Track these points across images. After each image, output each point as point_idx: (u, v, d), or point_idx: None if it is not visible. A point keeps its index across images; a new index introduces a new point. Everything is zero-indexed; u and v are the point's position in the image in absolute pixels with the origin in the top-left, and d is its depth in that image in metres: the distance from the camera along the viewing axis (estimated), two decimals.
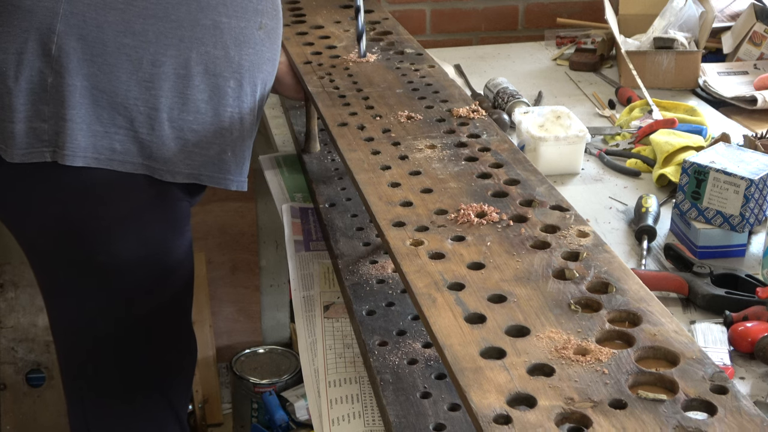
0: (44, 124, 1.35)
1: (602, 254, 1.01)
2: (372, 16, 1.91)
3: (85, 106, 1.34)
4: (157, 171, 1.40)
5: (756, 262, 1.45)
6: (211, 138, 1.42)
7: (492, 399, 0.79)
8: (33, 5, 1.31)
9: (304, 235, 1.54)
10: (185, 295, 1.60)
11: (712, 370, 0.82)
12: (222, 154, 1.44)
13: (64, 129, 1.34)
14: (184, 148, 1.40)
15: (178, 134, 1.39)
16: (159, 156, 1.39)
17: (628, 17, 2.36)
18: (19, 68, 1.32)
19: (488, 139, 1.32)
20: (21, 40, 1.32)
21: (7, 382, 2.52)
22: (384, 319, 1.23)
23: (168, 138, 1.39)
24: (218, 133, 1.43)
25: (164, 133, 1.38)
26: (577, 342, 0.86)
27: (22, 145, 1.34)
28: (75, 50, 1.32)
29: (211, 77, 1.40)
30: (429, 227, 1.08)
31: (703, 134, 1.80)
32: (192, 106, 1.39)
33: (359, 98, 1.48)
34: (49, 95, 1.33)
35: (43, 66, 1.32)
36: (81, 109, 1.34)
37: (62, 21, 1.31)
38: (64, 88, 1.33)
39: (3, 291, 2.49)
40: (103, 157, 1.37)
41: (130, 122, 1.36)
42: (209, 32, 1.38)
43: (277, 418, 2.33)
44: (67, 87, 1.33)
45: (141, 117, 1.37)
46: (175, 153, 1.40)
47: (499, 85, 2.06)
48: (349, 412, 1.14)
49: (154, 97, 1.36)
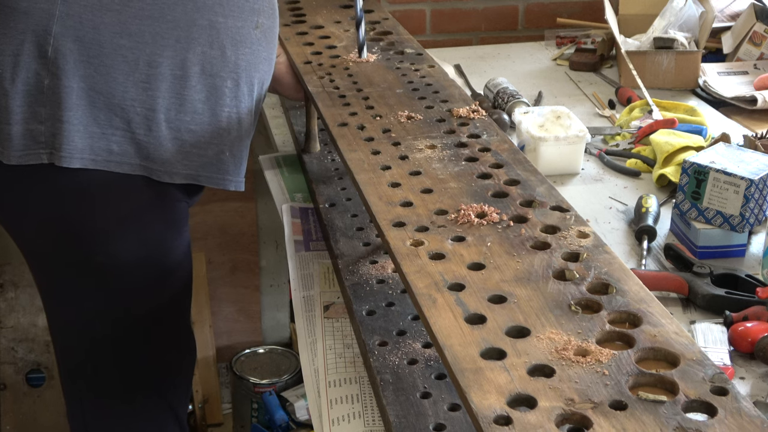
0: (41, 125, 1.34)
1: (602, 255, 1.01)
2: (372, 16, 1.91)
3: (81, 107, 1.34)
4: (155, 172, 1.40)
5: (756, 262, 1.45)
6: (209, 138, 1.42)
7: (492, 400, 0.79)
8: (29, 7, 1.31)
9: (304, 235, 1.54)
10: (184, 296, 1.60)
11: (712, 371, 0.82)
12: (220, 154, 1.44)
13: (60, 131, 1.34)
14: (181, 148, 1.40)
15: (176, 135, 1.39)
16: (156, 157, 1.39)
17: (628, 17, 2.36)
18: (16, 70, 1.32)
19: (488, 139, 1.32)
20: (17, 42, 1.31)
21: (7, 382, 2.52)
22: (384, 319, 1.23)
23: (165, 139, 1.38)
24: (216, 133, 1.42)
25: (161, 134, 1.38)
26: (577, 343, 0.86)
27: (18, 146, 1.34)
28: (71, 52, 1.32)
29: (208, 77, 1.40)
30: (429, 227, 1.08)
31: (703, 134, 1.80)
32: (189, 107, 1.39)
33: (359, 98, 1.48)
34: (45, 97, 1.33)
35: (40, 68, 1.32)
36: (78, 110, 1.34)
37: (58, 23, 1.31)
38: (61, 90, 1.32)
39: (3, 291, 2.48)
40: (100, 158, 1.37)
41: (127, 123, 1.36)
42: (205, 32, 1.38)
43: (277, 418, 2.33)
44: (63, 89, 1.32)
45: (138, 118, 1.36)
46: (173, 154, 1.39)
47: (499, 85, 2.06)
48: (349, 412, 1.14)
49: (151, 98, 1.36)
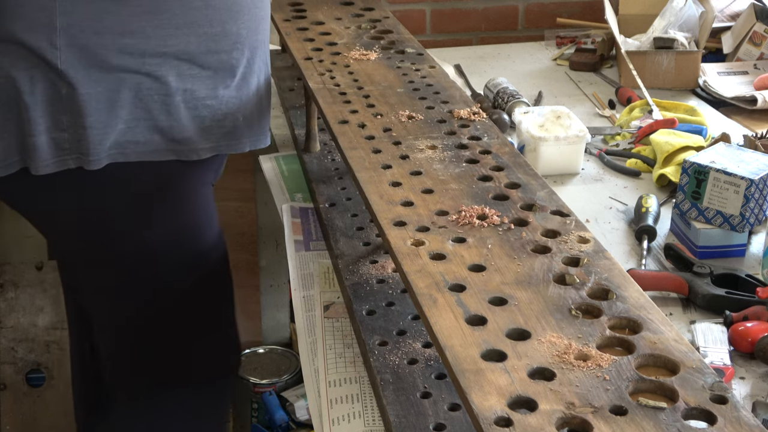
0: (64, 133, 1.37)
1: (603, 261, 1.01)
2: (373, 14, 1.92)
3: (103, 111, 1.36)
4: (183, 152, 1.43)
5: (756, 262, 1.45)
6: (225, 109, 1.46)
7: (493, 401, 0.79)
8: (31, 24, 1.32)
9: (304, 235, 1.54)
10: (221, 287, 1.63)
11: (711, 379, 0.82)
12: (235, 122, 1.47)
13: (84, 137, 1.36)
14: (202, 124, 1.44)
15: (194, 114, 1.43)
16: (180, 138, 1.42)
17: (628, 17, 2.36)
18: (33, 82, 1.34)
19: (489, 141, 1.32)
20: (29, 57, 1.33)
21: (7, 382, 2.52)
22: (384, 319, 1.23)
23: (186, 119, 1.42)
24: (230, 103, 1.46)
25: (181, 115, 1.41)
26: (578, 347, 0.86)
27: (45, 156, 1.36)
28: (80, 60, 1.33)
29: (214, 54, 1.42)
30: (430, 228, 1.08)
31: (703, 134, 1.80)
32: (201, 84, 1.42)
33: (360, 96, 1.48)
34: (64, 105, 1.35)
35: (56, 78, 1.34)
36: (101, 114, 1.36)
37: (61, 35, 1.32)
38: (79, 98, 1.35)
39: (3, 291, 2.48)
40: (128, 151, 1.40)
41: (148, 113, 1.39)
42: (202, 13, 1.39)
43: (277, 418, 2.33)
44: (80, 97, 1.35)
45: (157, 105, 1.39)
46: (195, 131, 1.43)
47: (499, 85, 2.06)
48: (349, 412, 1.14)
49: (165, 85, 1.39)
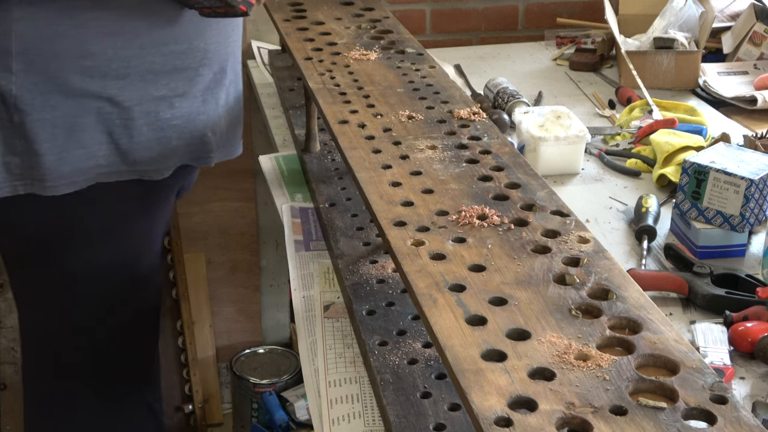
0: (16, 157, 1.31)
1: (603, 261, 1.01)
2: (372, 14, 1.91)
3: (61, 136, 1.32)
4: (147, 173, 1.40)
5: (756, 262, 1.45)
6: (192, 127, 1.41)
7: (493, 401, 0.79)
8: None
9: (304, 235, 1.54)
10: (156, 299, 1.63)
11: (711, 379, 0.82)
12: (203, 137, 1.43)
13: (40, 163, 1.31)
14: (167, 145, 1.39)
15: (159, 135, 1.38)
16: (142, 159, 1.38)
17: (628, 17, 2.36)
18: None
19: (489, 141, 1.32)
20: None
21: (7, 382, 2.52)
22: (384, 319, 1.23)
23: (149, 141, 1.38)
24: (197, 120, 1.41)
25: (143, 137, 1.37)
26: (578, 347, 0.86)
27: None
28: (37, 85, 1.28)
29: (181, 72, 1.38)
30: (430, 228, 1.08)
31: (703, 134, 1.80)
32: (166, 104, 1.37)
33: (360, 96, 1.48)
34: (16, 131, 1.30)
35: (8, 103, 1.28)
36: (58, 140, 1.31)
37: (17, 60, 1.27)
38: (32, 124, 1.29)
39: (3, 291, 2.48)
40: (91, 176, 1.36)
41: (109, 135, 1.35)
42: (167, 31, 1.35)
43: (277, 418, 2.33)
44: (35, 123, 1.29)
45: (118, 129, 1.35)
46: (159, 152, 1.39)
47: (499, 85, 2.06)
48: (349, 412, 1.14)
49: (127, 108, 1.34)
